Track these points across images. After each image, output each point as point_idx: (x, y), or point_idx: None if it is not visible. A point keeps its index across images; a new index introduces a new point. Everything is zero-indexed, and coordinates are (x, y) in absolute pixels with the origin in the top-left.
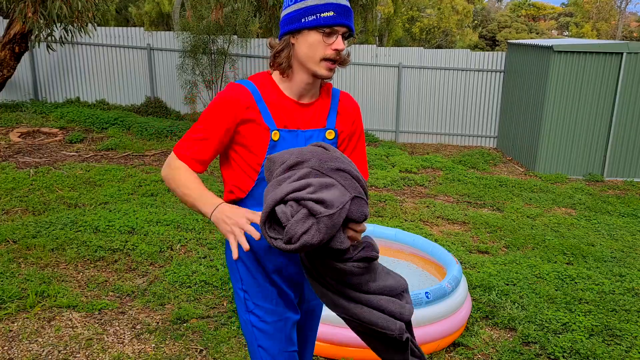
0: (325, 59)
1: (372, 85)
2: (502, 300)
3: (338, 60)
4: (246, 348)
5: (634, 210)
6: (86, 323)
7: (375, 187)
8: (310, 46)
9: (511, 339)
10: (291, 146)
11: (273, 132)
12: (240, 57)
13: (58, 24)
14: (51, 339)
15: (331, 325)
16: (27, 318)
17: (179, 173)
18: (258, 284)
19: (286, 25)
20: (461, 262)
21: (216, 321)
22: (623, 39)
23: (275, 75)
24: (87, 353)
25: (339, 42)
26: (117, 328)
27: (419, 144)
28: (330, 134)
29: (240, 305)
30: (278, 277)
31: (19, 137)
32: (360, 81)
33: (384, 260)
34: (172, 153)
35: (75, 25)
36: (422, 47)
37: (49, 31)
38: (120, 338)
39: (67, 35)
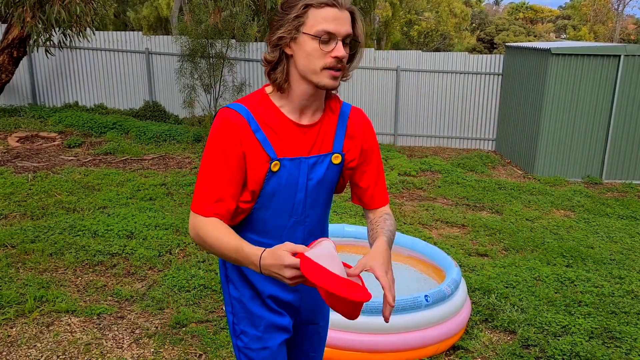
0: (326, 68)
1: (371, 88)
2: (502, 303)
3: (342, 68)
4: None
5: (633, 212)
6: (85, 328)
7: None
8: (308, 56)
9: (511, 342)
10: (292, 176)
11: (273, 163)
12: (239, 60)
13: (56, 29)
14: (50, 344)
15: (330, 329)
16: (25, 323)
17: (206, 233)
18: (246, 310)
19: None
20: (460, 265)
21: (215, 325)
22: (620, 42)
23: (272, 92)
24: (85, 358)
25: (339, 49)
26: (116, 333)
27: (417, 147)
28: (336, 159)
29: (230, 327)
30: (272, 302)
31: (17, 141)
32: (359, 85)
33: None
34: (191, 213)
35: (73, 29)
36: (420, 51)
37: (48, 36)
38: (119, 343)
39: (66, 39)
